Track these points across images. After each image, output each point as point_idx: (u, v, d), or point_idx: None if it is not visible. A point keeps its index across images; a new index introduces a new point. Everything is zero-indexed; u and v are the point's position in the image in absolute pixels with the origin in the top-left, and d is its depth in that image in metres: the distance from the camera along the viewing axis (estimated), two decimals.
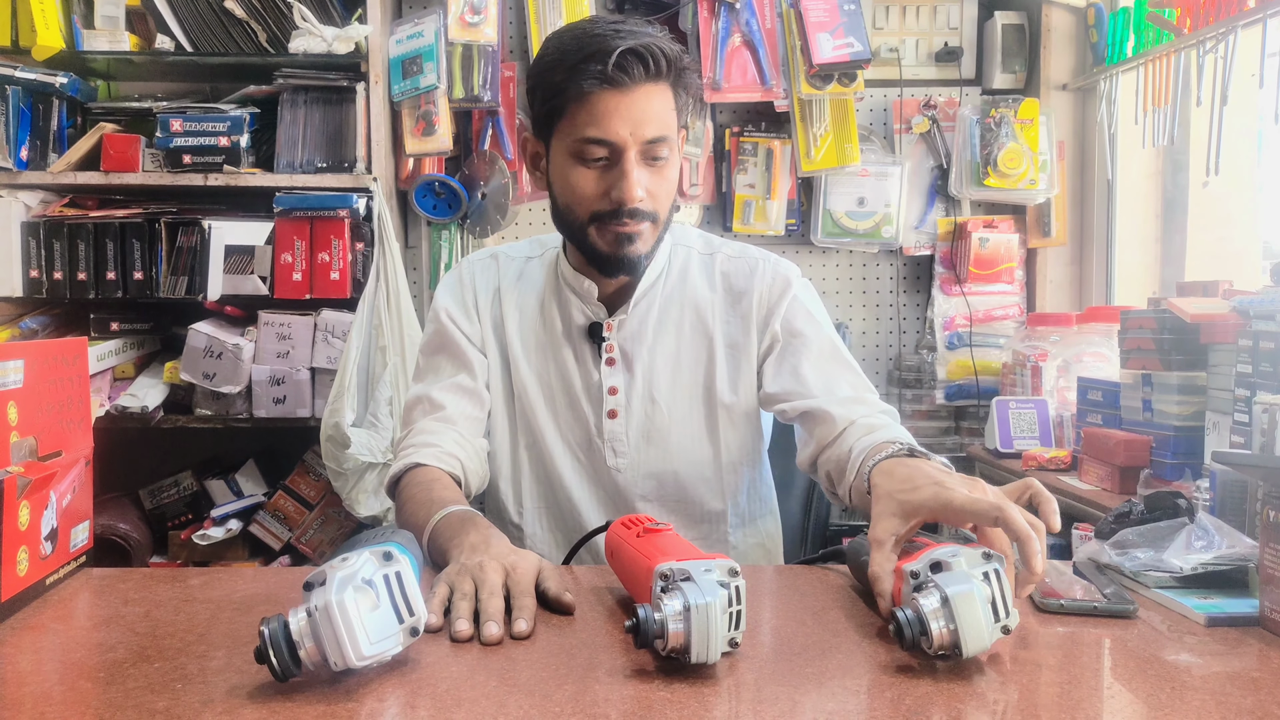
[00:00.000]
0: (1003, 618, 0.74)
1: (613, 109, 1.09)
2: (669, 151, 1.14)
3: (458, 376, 1.27)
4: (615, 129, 1.09)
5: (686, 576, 0.75)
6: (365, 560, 0.73)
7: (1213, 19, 1.91)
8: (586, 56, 1.08)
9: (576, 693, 0.71)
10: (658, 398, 1.25)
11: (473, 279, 1.31)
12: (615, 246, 1.15)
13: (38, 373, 0.95)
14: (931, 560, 0.77)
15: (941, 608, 0.72)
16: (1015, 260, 2.52)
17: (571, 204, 1.16)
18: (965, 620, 0.72)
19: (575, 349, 1.26)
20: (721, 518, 1.28)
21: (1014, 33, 2.50)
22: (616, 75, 1.07)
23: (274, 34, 2.24)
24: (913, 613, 0.73)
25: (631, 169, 1.11)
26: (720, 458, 1.27)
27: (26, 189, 2.25)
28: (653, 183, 1.13)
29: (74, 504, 1.01)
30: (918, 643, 0.73)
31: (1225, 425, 1.43)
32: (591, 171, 1.13)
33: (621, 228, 1.13)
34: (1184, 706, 0.69)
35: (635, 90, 1.09)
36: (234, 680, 0.73)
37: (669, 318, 1.27)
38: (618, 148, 1.11)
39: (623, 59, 1.07)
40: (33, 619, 0.89)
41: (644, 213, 1.14)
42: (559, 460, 1.27)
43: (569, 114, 1.12)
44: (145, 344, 2.36)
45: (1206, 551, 0.95)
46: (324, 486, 2.27)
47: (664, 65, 1.10)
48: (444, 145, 2.33)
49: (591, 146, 1.11)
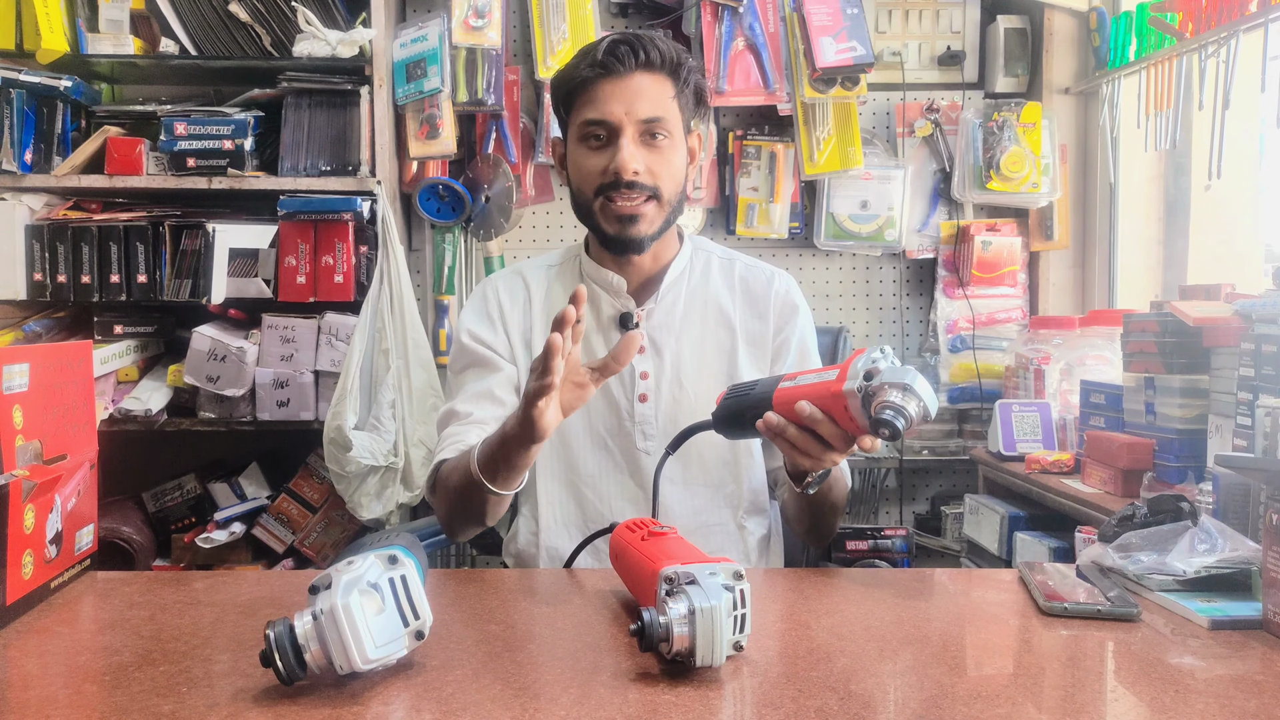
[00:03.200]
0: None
1: (608, 93, 1.21)
2: (667, 133, 1.24)
3: (480, 385, 1.31)
4: (610, 109, 1.21)
5: (691, 580, 0.75)
6: (370, 564, 0.73)
7: (1214, 23, 1.91)
8: (586, 53, 1.24)
9: (581, 696, 0.71)
10: (685, 383, 1.31)
11: (497, 295, 1.37)
12: (619, 227, 1.24)
13: (43, 376, 0.95)
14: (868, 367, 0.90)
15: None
16: (1018, 263, 2.52)
17: (580, 184, 1.27)
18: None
19: (607, 338, 1.32)
20: (739, 501, 1.32)
21: (1016, 36, 2.50)
22: (609, 62, 1.21)
23: (278, 37, 2.24)
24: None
25: (626, 144, 1.21)
26: (739, 444, 1.32)
27: (31, 192, 2.25)
28: (651, 160, 1.23)
29: (79, 507, 1.01)
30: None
31: (1228, 428, 1.43)
32: (593, 151, 1.24)
33: (623, 201, 1.22)
34: (1187, 710, 0.69)
35: (630, 77, 1.22)
36: (239, 684, 0.73)
37: (694, 310, 1.34)
38: (613, 126, 1.22)
39: (613, 47, 1.21)
40: (38, 622, 0.89)
41: (642, 185, 1.22)
42: (583, 451, 1.31)
43: (576, 106, 1.25)
44: (149, 347, 2.36)
45: (1209, 555, 0.95)
46: (327, 489, 2.27)
47: (655, 56, 1.22)
48: (448, 148, 2.33)
49: (591, 128, 1.23)
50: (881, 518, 2.60)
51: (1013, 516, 1.97)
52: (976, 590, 1.02)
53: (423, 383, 2.25)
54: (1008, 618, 0.92)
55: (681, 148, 1.27)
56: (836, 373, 0.94)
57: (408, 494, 2.21)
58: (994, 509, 2.03)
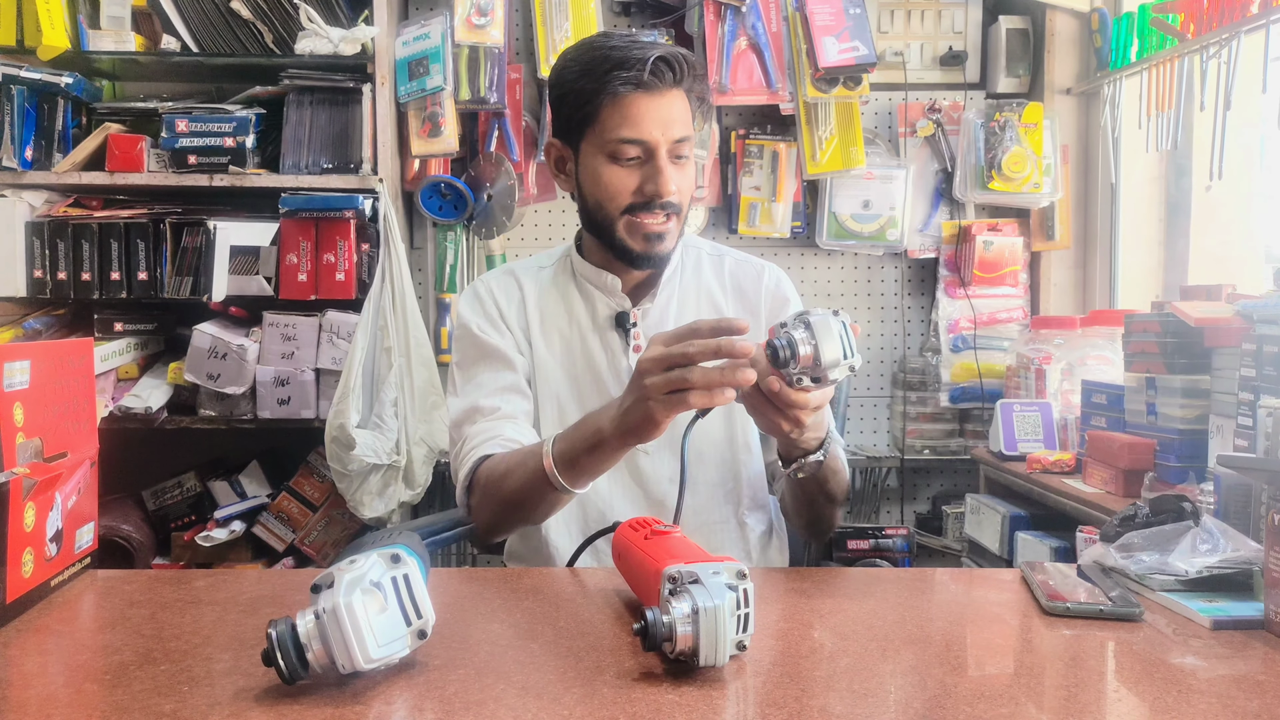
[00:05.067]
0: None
1: (645, 111, 1.18)
2: (690, 150, 1.23)
3: (500, 378, 1.29)
4: (648, 129, 1.19)
5: (694, 579, 0.75)
6: (373, 562, 0.73)
7: (1216, 24, 1.91)
8: (617, 64, 1.17)
9: (584, 695, 0.71)
10: None
11: (491, 293, 1.35)
12: (645, 245, 1.24)
13: (44, 374, 0.95)
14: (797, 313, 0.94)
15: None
16: (1019, 263, 2.52)
17: (603, 200, 1.23)
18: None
19: (603, 339, 1.32)
20: (739, 499, 1.32)
21: (1018, 37, 2.50)
22: (650, 80, 1.17)
23: (280, 35, 2.24)
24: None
25: (665, 165, 1.20)
26: (736, 439, 1.32)
27: (31, 189, 2.25)
28: (679, 179, 1.23)
29: (79, 506, 1.01)
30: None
31: (1229, 429, 1.43)
32: (625, 169, 1.21)
33: (653, 220, 1.22)
34: (1189, 710, 0.69)
35: (665, 94, 1.19)
36: (241, 683, 0.73)
37: (687, 307, 1.34)
38: (650, 146, 1.20)
39: (656, 65, 1.17)
40: (38, 621, 0.89)
41: (673, 204, 1.22)
42: None
43: (601, 119, 1.20)
44: (149, 345, 2.36)
45: (1211, 555, 0.95)
46: (328, 488, 2.27)
47: (686, 71, 1.20)
48: (450, 147, 2.33)
49: (626, 146, 1.20)
50: (883, 517, 2.60)
51: (1014, 516, 1.97)
52: (978, 590, 1.02)
53: (424, 381, 2.25)
54: (1010, 617, 0.92)
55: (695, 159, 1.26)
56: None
57: (409, 492, 2.21)
58: (995, 509, 2.03)
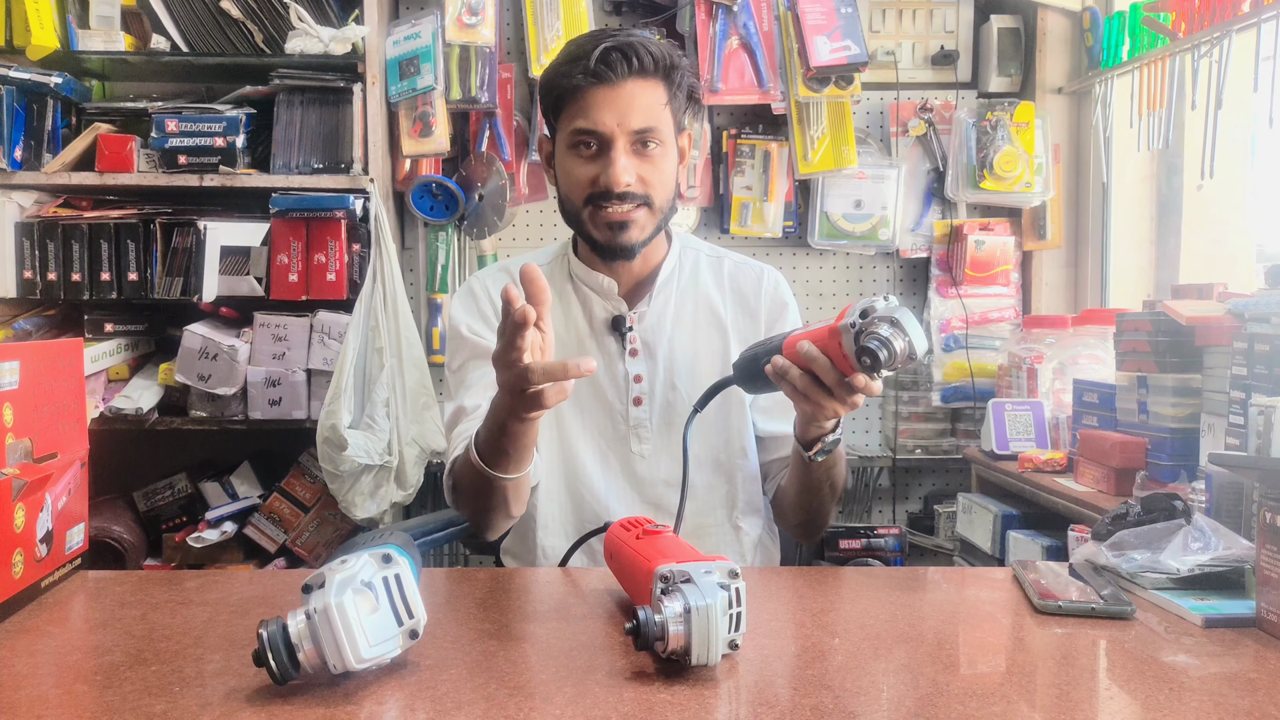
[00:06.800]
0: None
1: (600, 102, 1.18)
2: (659, 142, 1.21)
3: (487, 376, 1.27)
4: (602, 120, 1.18)
5: (686, 578, 0.75)
6: (364, 563, 0.73)
7: (1207, 23, 1.91)
8: (576, 58, 1.19)
9: (576, 695, 0.70)
10: (678, 384, 1.31)
11: (487, 292, 1.35)
12: (609, 235, 1.23)
13: (34, 374, 0.94)
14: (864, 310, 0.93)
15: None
16: (1011, 263, 2.52)
17: (569, 191, 1.25)
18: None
19: (600, 342, 1.32)
20: (734, 501, 1.32)
21: (1010, 36, 2.50)
22: (601, 70, 1.17)
23: (270, 34, 2.23)
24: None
25: (618, 156, 1.19)
26: (732, 443, 1.32)
27: (20, 189, 2.24)
28: (644, 169, 1.21)
29: (69, 506, 1.01)
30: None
31: (1220, 427, 1.43)
32: (583, 160, 1.21)
33: (612, 210, 1.21)
34: (1181, 707, 0.69)
35: (622, 85, 1.18)
36: (232, 683, 0.73)
37: (685, 311, 1.34)
38: (605, 137, 1.19)
39: (605, 55, 1.17)
40: (28, 622, 0.88)
41: (634, 195, 1.21)
42: (579, 453, 1.30)
43: (566, 111, 1.22)
44: (140, 345, 2.35)
45: (1203, 553, 0.95)
46: (320, 489, 2.26)
47: (649, 62, 1.19)
48: (441, 146, 2.33)
49: (582, 137, 1.20)
50: (875, 517, 2.61)
51: (1006, 515, 1.98)
52: (970, 588, 1.03)
53: (416, 381, 2.25)
54: (1002, 616, 0.92)
55: (673, 153, 1.25)
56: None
57: (401, 493, 2.20)
58: (987, 508, 2.03)
